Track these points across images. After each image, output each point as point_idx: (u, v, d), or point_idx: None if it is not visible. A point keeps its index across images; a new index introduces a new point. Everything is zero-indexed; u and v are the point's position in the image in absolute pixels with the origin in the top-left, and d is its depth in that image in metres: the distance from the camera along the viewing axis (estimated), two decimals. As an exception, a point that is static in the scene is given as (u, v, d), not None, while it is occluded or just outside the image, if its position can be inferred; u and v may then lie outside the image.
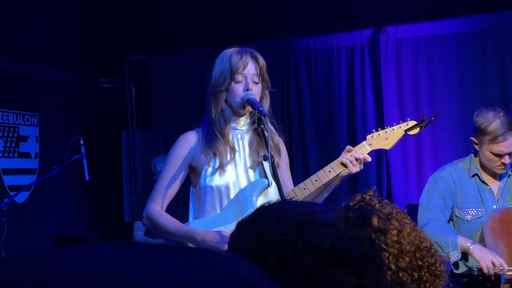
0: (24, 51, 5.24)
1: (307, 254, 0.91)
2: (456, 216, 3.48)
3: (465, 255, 3.33)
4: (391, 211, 1.41)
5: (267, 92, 2.84)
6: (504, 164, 3.37)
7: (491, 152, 3.36)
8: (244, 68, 2.75)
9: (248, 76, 2.76)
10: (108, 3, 5.98)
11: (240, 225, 1.01)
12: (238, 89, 2.74)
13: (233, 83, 2.75)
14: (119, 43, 5.98)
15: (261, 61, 2.81)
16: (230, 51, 2.81)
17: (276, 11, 5.46)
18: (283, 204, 1.04)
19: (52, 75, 5.53)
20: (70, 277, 0.46)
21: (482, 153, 3.40)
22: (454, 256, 3.23)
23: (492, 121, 3.30)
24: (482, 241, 3.36)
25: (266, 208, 1.01)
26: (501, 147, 3.33)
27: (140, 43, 5.91)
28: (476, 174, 3.47)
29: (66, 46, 5.65)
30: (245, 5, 5.56)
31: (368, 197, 1.44)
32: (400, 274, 1.34)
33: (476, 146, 3.43)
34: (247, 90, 2.74)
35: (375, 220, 1.37)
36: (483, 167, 3.46)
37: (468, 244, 3.27)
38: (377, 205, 1.42)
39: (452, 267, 3.29)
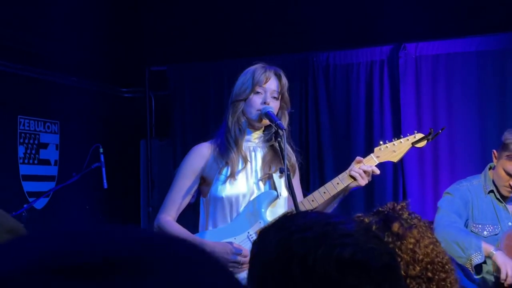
0: (46, 58, 5.30)
1: (328, 263, 0.93)
2: (472, 231, 3.47)
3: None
4: (416, 224, 1.44)
5: (286, 112, 2.87)
6: (511, 186, 3.37)
7: (504, 169, 3.36)
8: (265, 82, 2.79)
9: (268, 90, 2.80)
10: (130, 13, 6.05)
11: (263, 234, 1.03)
12: (256, 100, 2.78)
13: (252, 94, 2.79)
14: (141, 53, 6.04)
15: (284, 80, 2.85)
16: (255, 66, 2.85)
17: (297, 25, 5.49)
18: (305, 215, 1.07)
19: (73, 83, 5.59)
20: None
21: (496, 169, 3.41)
22: (477, 258, 3.17)
23: None
24: None
25: (289, 218, 1.03)
26: None
27: (161, 53, 5.97)
28: (492, 191, 3.47)
29: (88, 54, 5.71)
30: (266, 18, 5.60)
31: (399, 207, 1.49)
32: (408, 281, 1.37)
33: (494, 161, 3.43)
34: (265, 103, 2.78)
35: (396, 226, 1.42)
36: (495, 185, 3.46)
37: (492, 250, 3.23)
38: (405, 215, 1.46)
39: (473, 272, 3.24)
